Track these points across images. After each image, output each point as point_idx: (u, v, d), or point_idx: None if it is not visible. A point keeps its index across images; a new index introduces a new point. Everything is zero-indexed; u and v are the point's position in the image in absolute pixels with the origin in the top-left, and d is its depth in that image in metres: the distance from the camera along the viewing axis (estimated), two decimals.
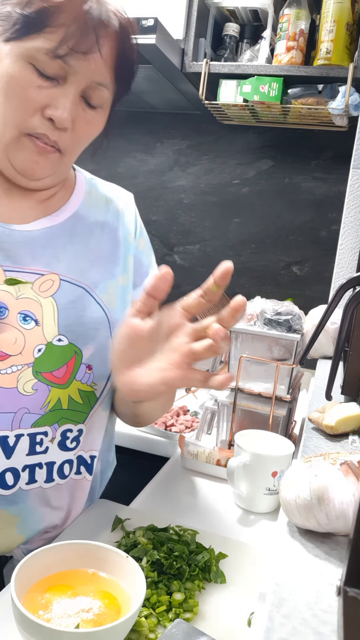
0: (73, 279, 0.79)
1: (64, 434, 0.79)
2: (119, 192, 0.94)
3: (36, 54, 0.67)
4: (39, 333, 0.75)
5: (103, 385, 0.83)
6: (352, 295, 0.77)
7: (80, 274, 0.80)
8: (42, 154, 0.72)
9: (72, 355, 0.77)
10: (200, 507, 0.94)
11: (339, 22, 1.39)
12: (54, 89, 0.69)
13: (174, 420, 1.40)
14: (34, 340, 0.74)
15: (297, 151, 1.79)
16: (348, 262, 1.34)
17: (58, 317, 0.76)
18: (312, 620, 0.39)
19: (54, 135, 0.71)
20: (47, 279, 0.77)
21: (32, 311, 0.75)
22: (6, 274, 0.74)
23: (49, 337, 0.75)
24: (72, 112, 0.71)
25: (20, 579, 0.56)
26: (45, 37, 0.67)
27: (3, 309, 0.73)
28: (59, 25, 0.66)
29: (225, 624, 0.64)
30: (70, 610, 0.56)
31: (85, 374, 0.80)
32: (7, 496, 0.74)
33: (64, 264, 0.79)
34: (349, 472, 0.50)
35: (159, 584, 0.67)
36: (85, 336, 0.78)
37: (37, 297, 0.76)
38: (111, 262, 0.86)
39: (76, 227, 0.83)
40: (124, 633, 0.55)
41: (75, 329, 0.77)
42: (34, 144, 0.71)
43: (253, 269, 1.88)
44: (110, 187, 0.93)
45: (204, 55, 1.56)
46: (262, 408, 1.07)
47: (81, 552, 0.63)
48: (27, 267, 0.76)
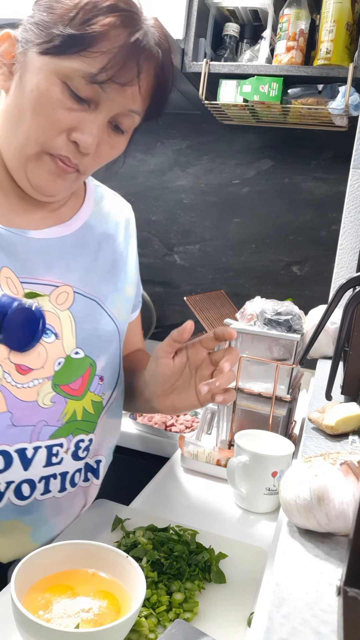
0: (86, 291, 0.80)
1: (77, 444, 0.80)
2: (122, 203, 0.94)
3: (72, 74, 0.65)
4: (59, 346, 0.75)
5: (110, 394, 0.85)
6: (352, 295, 0.77)
7: (92, 286, 0.81)
8: (61, 174, 0.71)
9: (87, 368, 0.79)
10: (200, 507, 0.94)
11: (339, 22, 1.39)
12: (84, 112, 0.67)
13: (174, 420, 1.40)
14: (54, 354, 0.75)
15: (297, 151, 1.79)
16: (348, 262, 1.34)
17: (76, 330, 0.77)
18: (312, 620, 0.39)
19: (76, 159, 0.70)
20: (62, 292, 0.77)
21: (52, 325, 0.75)
22: (23, 286, 0.73)
23: (68, 351, 0.76)
24: (98, 138, 0.70)
25: (20, 579, 0.56)
26: (85, 60, 0.64)
27: None
28: (102, 51, 0.64)
29: (225, 624, 0.64)
30: (70, 610, 0.56)
31: (98, 385, 0.81)
32: (23, 506, 0.75)
33: (76, 275, 0.79)
34: (349, 472, 0.50)
35: (159, 584, 0.67)
36: (100, 348, 0.80)
37: (55, 310, 0.76)
38: (118, 274, 0.87)
39: (87, 238, 0.83)
40: (124, 633, 0.55)
41: (90, 341, 0.79)
42: (54, 164, 0.70)
43: (253, 269, 1.88)
44: (114, 197, 0.94)
45: (204, 55, 1.56)
46: (262, 408, 1.07)
47: (81, 552, 0.63)
48: (42, 277, 0.75)
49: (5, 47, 0.69)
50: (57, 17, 0.64)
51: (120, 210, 0.92)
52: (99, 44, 0.64)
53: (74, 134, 0.68)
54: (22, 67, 0.68)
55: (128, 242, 0.92)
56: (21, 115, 0.68)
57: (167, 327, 1.98)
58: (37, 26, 0.66)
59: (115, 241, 0.88)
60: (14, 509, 0.74)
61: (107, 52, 0.64)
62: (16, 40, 0.69)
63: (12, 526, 0.75)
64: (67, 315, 0.77)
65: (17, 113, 0.68)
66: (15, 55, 0.68)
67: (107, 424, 0.86)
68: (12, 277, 0.72)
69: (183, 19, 1.50)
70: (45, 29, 0.65)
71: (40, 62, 0.66)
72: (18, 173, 0.72)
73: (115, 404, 0.87)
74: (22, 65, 0.68)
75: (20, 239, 0.74)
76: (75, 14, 0.63)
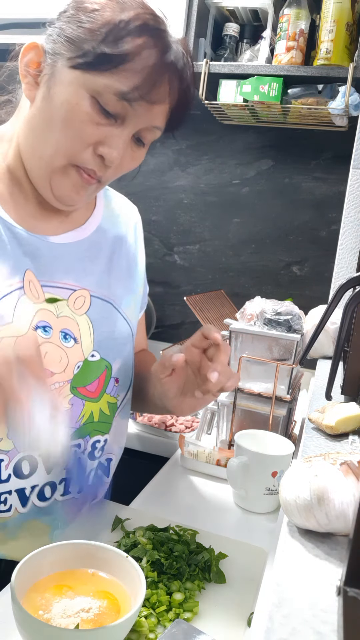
0: (102, 294, 0.81)
1: (93, 445, 0.81)
2: (128, 205, 0.95)
3: (103, 90, 0.65)
4: (79, 350, 0.77)
5: (124, 396, 0.86)
6: (352, 295, 0.77)
7: (108, 289, 0.82)
8: (84, 186, 0.72)
9: (103, 370, 0.80)
10: (200, 507, 0.94)
11: (339, 22, 1.39)
12: (111, 127, 0.68)
13: (174, 420, 1.40)
14: (74, 358, 0.76)
15: (297, 151, 1.79)
16: (348, 262, 1.34)
17: (94, 334, 0.78)
18: (312, 620, 0.39)
19: (101, 171, 0.71)
20: (79, 295, 0.78)
21: (70, 329, 0.76)
22: (44, 289, 0.74)
23: (86, 354, 0.77)
24: (123, 151, 0.71)
25: (20, 579, 0.56)
26: (116, 77, 0.65)
27: (48, 329, 0.74)
28: (135, 70, 0.65)
29: (225, 624, 0.64)
30: (70, 610, 0.56)
31: (113, 387, 0.83)
32: (44, 508, 0.77)
33: (92, 279, 0.80)
34: (349, 472, 0.50)
35: (159, 584, 0.67)
36: (115, 351, 0.81)
37: (74, 315, 0.77)
38: (131, 276, 0.89)
39: (101, 241, 0.84)
40: (124, 633, 0.55)
41: (107, 344, 0.80)
42: (79, 176, 0.71)
43: (253, 269, 1.88)
44: (121, 199, 0.94)
45: (204, 55, 1.56)
46: (262, 408, 1.07)
47: (81, 552, 0.63)
48: (61, 281, 0.76)
49: (31, 57, 0.69)
50: (88, 32, 0.65)
51: (128, 211, 0.93)
52: (131, 63, 0.64)
53: (101, 147, 0.68)
54: (50, 78, 0.68)
55: (137, 243, 0.93)
56: (49, 127, 0.68)
57: (167, 327, 1.98)
58: (66, 39, 0.66)
59: (126, 243, 0.89)
60: (36, 511, 0.76)
61: (139, 71, 0.65)
62: (43, 50, 0.69)
63: (33, 526, 0.77)
64: (84, 320, 0.78)
65: (44, 124, 0.69)
66: (42, 66, 0.69)
67: (120, 424, 0.88)
68: (34, 280, 0.73)
69: (183, 19, 1.50)
70: (76, 43, 0.65)
71: (71, 75, 0.66)
72: (42, 183, 0.73)
73: (127, 405, 0.89)
74: (51, 77, 0.68)
75: (42, 244, 0.75)
76: (107, 31, 0.64)
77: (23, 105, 0.73)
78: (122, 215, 0.91)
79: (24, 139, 0.72)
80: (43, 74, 0.68)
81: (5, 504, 0.74)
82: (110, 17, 0.64)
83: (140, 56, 0.64)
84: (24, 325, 0.71)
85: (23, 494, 0.75)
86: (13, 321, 0.70)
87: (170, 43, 0.68)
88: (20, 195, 0.76)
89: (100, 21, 0.65)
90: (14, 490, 0.74)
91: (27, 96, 0.70)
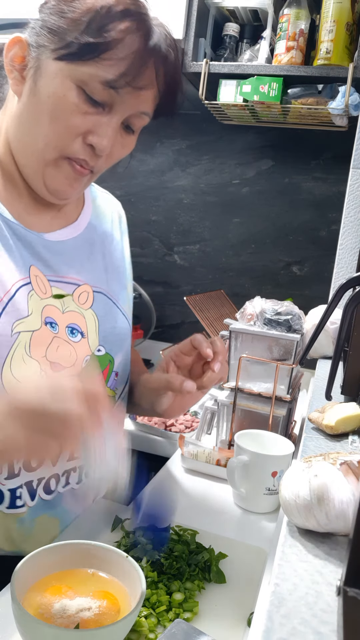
0: (102, 289, 0.82)
1: None
2: (113, 201, 0.96)
3: (89, 79, 0.65)
4: (85, 345, 0.77)
5: (122, 389, 0.87)
6: (352, 295, 0.77)
7: (106, 285, 0.83)
8: (78, 178, 0.72)
9: (107, 364, 0.81)
10: (200, 507, 0.94)
11: (339, 22, 1.39)
12: (99, 116, 0.68)
13: (174, 420, 1.40)
14: (82, 352, 0.77)
15: (297, 151, 1.79)
16: (348, 262, 1.34)
17: (99, 329, 0.79)
18: (312, 620, 0.39)
19: (92, 161, 0.71)
20: (83, 291, 0.78)
21: (77, 324, 0.76)
22: (50, 284, 0.74)
23: (93, 348, 0.78)
24: (113, 139, 0.71)
25: (20, 579, 0.56)
26: (102, 66, 0.65)
27: (54, 324, 0.74)
28: (119, 56, 0.64)
29: (225, 624, 0.64)
30: (70, 610, 0.56)
31: (114, 380, 0.84)
32: (49, 501, 0.77)
33: (90, 275, 0.80)
34: (349, 472, 0.50)
35: (159, 584, 0.67)
36: (117, 345, 0.82)
37: (80, 310, 0.77)
38: (122, 272, 0.89)
39: (93, 237, 0.85)
40: (124, 633, 0.55)
41: (110, 339, 0.81)
42: (72, 168, 0.71)
43: (253, 269, 1.88)
44: (105, 194, 0.95)
45: (203, 55, 1.56)
46: (262, 408, 1.07)
47: (81, 552, 0.63)
48: (66, 276, 0.77)
49: (15, 52, 0.69)
50: (70, 22, 0.65)
51: (112, 207, 0.94)
52: (115, 50, 0.64)
53: (90, 137, 0.68)
54: (36, 72, 0.67)
55: (123, 239, 0.93)
56: (38, 120, 0.68)
57: (167, 327, 1.98)
58: (49, 31, 0.66)
59: (114, 239, 0.90)
60: (43, 504, 0.77)
61: (124, 58, 0.65)
62: (27, 44, 0.68)
63: (44, 521, 0.77)
64: (90, 314, 0.79)
65: (33, 118, 0.69)
66: (27, 60, 0.68)
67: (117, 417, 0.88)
68: (40, 275, 0.73)
69: (183, 19, 1.50)
70: (59, 34, 0.65)
71: (56, 67, 0.66)
72: (35, 178, 0.72)
73: (124, 398, 0.90)
74: (36, 70, 0.67)
75: (40, 240, 0.75)
76: (89, 20, 0.64)
77: (10, 101, 0.73)
78: (108, 211, 0.91)
79: (14, 135, 0.72)
80: (29, 68, 0.68)
81: (21, 498, 0.74)
82: (92, 4, 0.64)
83: (124, 42, 0.64)
84: (37, 320, 0.71)
85: (31, 487, 0.75)
86: (29, 315, 0.70)
87: (152, 27, 0.67)
88: (14, 191, 0.75)
89: (81, 10, 0.64)
90: (23, 483, 0.74)
91: (14, 91, 0.70)
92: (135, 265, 1.47)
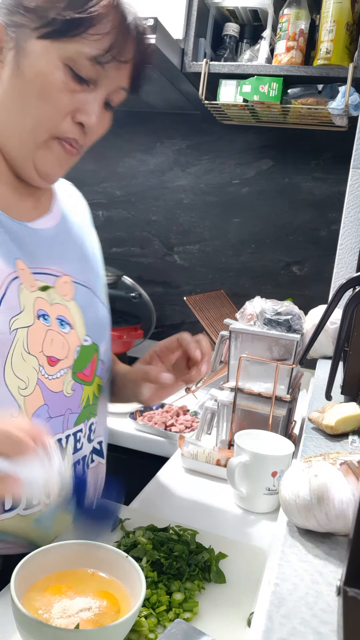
0: (81, 280, 0.81)
1: (89, 428, 0.82)
2: (74, 188, 0.94)
3: (76, 57, 0.65)
4: (75, 336, 0.77)
5: (107, 377, 0.88)
6: (352, 295, 0.77)
7: (84, 275, 0.82)
8: (68, 158, 0.71)
9: (94, 354, 0.81)
10: (200, 507, 0.94)
11: (339, 22, 1.39)
12: (85, 93, 0.67)
13: (174, 420, 1.40)
14: (73, 343, 0.77)
15: (297, 151, 1.79)
16: (348, 262, 1.34)
17: (84, 319, 0.79)
18: (312, 620, 0.39)
19: (82, 140, 0.71)
20: (64, 282, 0.78)
21: (64, 315, 0.76)
22: (34, 277, 0.74)
23: (81, 339, 0.78)
24: (99, 116, 0.70)
25: (20, 579, 0.56)
26: (86, 42, 0.64)
27: (47, 317, 0.73)
28: (104, 31, 0.64)
29: (225, 624, 0.64)
30: (70, 610, 0.56)
31: (101, 369, 0.84)
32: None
33: (69, 265, 0.80)
34: (349, 472, 0.50)
35: (159, 584, 0.67)
36: (101, 334, 0.83)
37: (64, 301, 0.77)
38: (96, 260, 0.89)
39: (68, 226, 0.84)
40: (124, 633, 0.55)
41: (95, 328, 0.81)
42: (62, 148, 0.70)
43: (253, 269, 1.88)
44: (68, 184, 0.94)
45: (203, 55, 1.56)
46: (262, 408, 1.07)
47: (81, 552, 0.63)
48: (47, 267, 0.76)
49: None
50: (48, 0, 0.63)
51: (76, 195, 0.93)
52: (100, 25, 0.64)
53: (79, 115, 0.68)
54: (17, 52, 0.66)
55: (91, 228, 0.93)
56: (25, 102, 0.67)
57: (167, 327, 1.98)
58: (25, 9, 0.64)
59: (83, 227, 0.89)
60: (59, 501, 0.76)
61: (109, 32, 0.65)
62: (2, 25, 0.66)
63: (59, 516, 0.77)
64: (74, 305, 0.78)
65: (19, 101, 0.67)
66: (3, 41, 0.66)
67: (103, 405, 0.89)
68: (25, 269, 0.72)
69: (183, 19, 1.50)
70: (37, 12, 0.64)
71: (40, 46, 0.65)
72: (24, 162, 0.71)
73: (107, 385, 0.90)
74: (17, 51, 0.66)
75: (24, 230, 0.75)
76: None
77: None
78: (74, 199, 0.91)
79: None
80: (8, 50, 0.67)
81: (36, 497, 0.74)
82: None
83: (108, 17, 0.64)
84: (30, 315, 0.71)
85: None
86: (23, 311, 0.70)
87: (126, 1, 0.68)
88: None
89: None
90: None
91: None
92: (135, 265, 1.50)
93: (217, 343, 1.15)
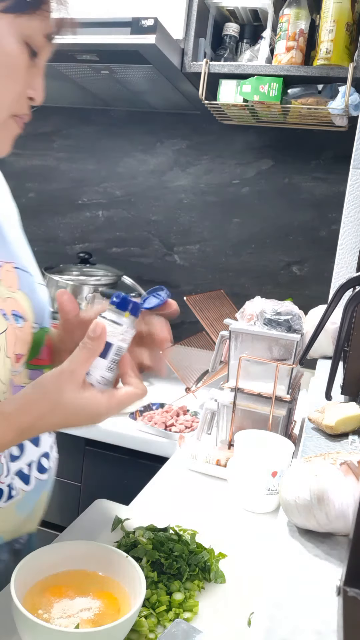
0: (20, 265, 0.77)
1: None
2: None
3: (34, 34, 0.63)
4: (29, 328, 0.74)
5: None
6: (352, 295, 0.77)
7: (20, 259, 0.78)
8: (17, 134, 0.69)
9: (45, 336, 0.78)
10: (200, 507, 0.94)
11: (339, 22, 1.39)
12: (35, 68, 0.66)
13: (174, 420, 1.40)
14: (27, 336, 0.74)
15: (297, 151, 1.79)
16: (348, 262, 1.34)
17: (33, 308, 0.76)
18: (312, 620, 0.39)
19: (29, 115, 0.69)
20: (7, 270, 0.74)
21: (17, 310, 0.73)
22: None
23: (32, 329, 0.75)
24: None
25: (20, 579, 0.56)
26: (43, 18, 0.63)
27: (6, 315, 0.71)
28: (53, 6, 0.64)
29: (225, 624, 0.64)
30: (70, 610, 0.56)
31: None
32: (45, 480, 0.77)
33: (5, 250, 0.76)
34: (349, 472, 0.50)
35: (159, 584, 0.67)
36: (46, 316, 0.80)
37: (12, 294, 0.73)
38: (24, 243, 0.84)
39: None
40: (124, 633, 0.55)
41: (40, 313, 0.78)
42: (17, 125, 0.68)
43: (253, 269, 1.88)
44: None
45: (203, 55, 1.56)
46: (262, 408, 1.07)
47: (81, 552, 0.63)
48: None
49: None
50: None
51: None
52: (50, 1, 0.64)
53: (30, 90, 0.67)
54: None
55: (11, 208, 0.87)
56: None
57: None
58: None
59: (5, 208, 0.84)
60: (41, 485, 0.76)
61: (58, 8, 0.64)
62: None
63: (42, 498, 0.77)
64: (23, 296, 0.75)
65: None
66: None
67: None
68: None
69: (183, 19, 1.50)
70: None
71: (3, 23, 0.63)
72: None
73: None
74: None
75: None
76: None
77: None
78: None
79: None
80: None
81: (14, 489, 0.73)
82: None
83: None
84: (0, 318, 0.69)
85: (23, 474, 0.75)
86: None
87: None
88: None
89: None
90: (14, 474, 0.73)
91: None
92: (135, 265, 1.50)
93: (217, 343, 1.15)
